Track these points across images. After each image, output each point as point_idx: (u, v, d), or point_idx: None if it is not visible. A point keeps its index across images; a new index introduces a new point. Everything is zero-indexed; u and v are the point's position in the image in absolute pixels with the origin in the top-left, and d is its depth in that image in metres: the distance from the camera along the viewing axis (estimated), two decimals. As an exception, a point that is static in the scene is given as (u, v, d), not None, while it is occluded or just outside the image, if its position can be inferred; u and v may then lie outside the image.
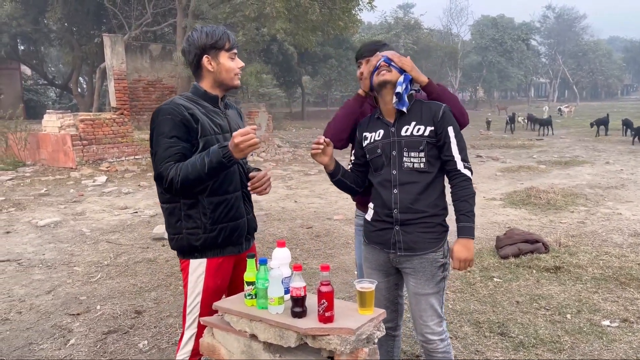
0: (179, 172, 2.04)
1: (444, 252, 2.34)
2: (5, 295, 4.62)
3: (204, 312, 2.23)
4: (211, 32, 2.21)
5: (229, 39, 2.23)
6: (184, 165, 2.06)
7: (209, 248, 2.24)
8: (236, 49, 2.28)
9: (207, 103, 2.27)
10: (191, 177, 2.04)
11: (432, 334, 2.35)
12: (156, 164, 2.12)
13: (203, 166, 2.02)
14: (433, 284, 2.32)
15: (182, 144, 2.11)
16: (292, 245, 5.95)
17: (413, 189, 2.28)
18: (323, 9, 15.35)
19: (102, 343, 3.62)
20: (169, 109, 2.14)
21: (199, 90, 2.27)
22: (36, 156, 13.06)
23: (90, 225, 7.19)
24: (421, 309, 2.35)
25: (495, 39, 53.07)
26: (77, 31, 21.56)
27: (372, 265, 2.46)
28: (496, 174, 11.09)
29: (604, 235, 6.05)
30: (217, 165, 2.03)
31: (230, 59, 2.25)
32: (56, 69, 37.46)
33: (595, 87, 76.82)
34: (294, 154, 15.98)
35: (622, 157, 13.67)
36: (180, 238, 2.25)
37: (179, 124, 2.11)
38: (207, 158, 2.02)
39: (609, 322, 3.71)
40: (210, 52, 2.21)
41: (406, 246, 2.30)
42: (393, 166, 2.31)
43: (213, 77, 2.25)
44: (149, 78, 17.86)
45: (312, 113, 38.97)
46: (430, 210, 2.29)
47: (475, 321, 3.76)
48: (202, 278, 2.25)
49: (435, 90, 2.40)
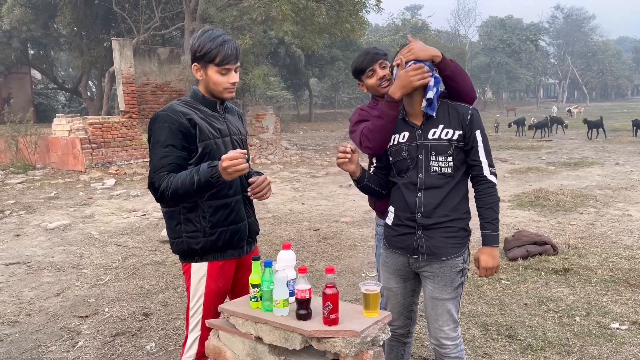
0: (169, 186, 2.05)
1: (464, 257, 2.30)
2: (14, 297, 4.66)
3: (206, 315, 2.24)
4: (204, 42, 2.13)
5: (220, 52, 2.12)
6: (175, 178, 2.06)
7: (209, 251, 2.24)
8: (232, 63, 2.16)
9: (206, 107, 2.24)
10: (180, 192, 2.05)
11: (447, 339, 2.32)
12: (150, 172, 2.13)
13: (192, 184, 2.02)
14: (451, 289, 2.29)
15: (177, 153, 2.11)
16: (299, 247, 5.95)
17: (438, 193, 2.22)
18: (330, 11, 15.38)
19: (110, 345, 3.64)
20: (166, 116, 2.12)
21: (198, 94, 2.25)
22: (46, 159, 13.17)
23: (99, 228, 7.24)
24: (437, 314, 2.32)
25: (503, 39, 52.90)
26: (87, 35, 21.74)
27: (390, 269, 2.42)
28: (505, 176, 11.04)
29: (613, 237, 5.99)
30: (205, 184, 2.02)
31: (219, 74, 2.16)
32: (66, 73, 37.79)
33: (605, 88, 76.27)
34: (301, 156, 15.99)
35: (632, 158, 13.55)
36: (181, 242, 2.25)
37: (176, 132, 2.10)
38: (196, 176, 2.02)
39: (619, 324, 3.68)
40: (199, 62, 2.16)
41: (429, 251, 2.25)
42: (419, 170, 2.24)
43: (204, 85, 2.23)
44: (157, 81, 17.95)
45: (319, 115, 38.98)
46: (453, 214, 2.25)
47: (483, 324, 3.74)
48: (203, 281, 2.25)
49: (449, 66, 2.22)
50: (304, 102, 43.38)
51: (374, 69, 2.49)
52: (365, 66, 2.51)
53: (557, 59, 68.83)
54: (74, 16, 19.21)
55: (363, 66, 2.51)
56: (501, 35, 53.24)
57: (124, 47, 14.31)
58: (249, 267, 2.23)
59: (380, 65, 2.50)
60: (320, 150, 18.06)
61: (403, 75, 2.15)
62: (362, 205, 7.81)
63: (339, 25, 16.23)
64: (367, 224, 6.93)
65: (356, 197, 8.89)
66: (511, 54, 53.25)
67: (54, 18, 20.21)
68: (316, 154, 16.87)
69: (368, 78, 2.53)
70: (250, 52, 15.50)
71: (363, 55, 2.55)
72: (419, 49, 2.16)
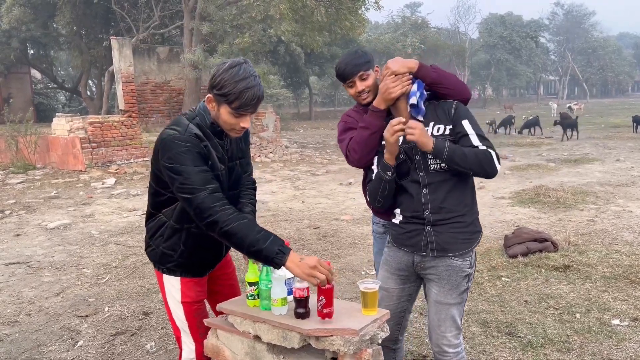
0: (229, 224, 1.89)
1: (470, 261, 2.28)
2: (14, 297, 4.66)
3: (192, 323, 2.21)
4: (225, 82, 1.93)
5: (239, 99, 1.93)
6: (239, 221, 1.90)
7: (183, 270, 2.19)
8: (249, 111, 1.99)
9: (212, 133, 2.08)
10: (233, 239, 1.90)
11: (449, 345, 2.29)
12: (195, 187, 1.91)
13: (251, 246, 1.88)
14: (456, 294, 2.27)
15: (209, 170, 1.99)
16: (299, 245, 5.95)
17: (443, 187, 2.21)
18: (329, 9, 15.34)
19: (110, 344, 3.64)
20: (189, 138, 1.97)
21: (207, 120, 2.07)
22: (46, 159, 13.17)
23: (99, 227, 7.24)
24: (440, 319, 2.28)
25: (503, 36, 52.81)
26: (86, 35, 21.74)
27: (392, 268, 2.38)
28: (505, 173, 11.02)
29: (614, 234, 5.99)
30: (262, 250, 1.87)
31: (232, 115, 2.00)
32: (65, 72, 37.79)
33: (605, 84, 76.21)
34: (301, 155, 15.98)
35: (632, 154, 13.52)
36: (155, 252, 2.21)
37: (200, 154, 1.98)
38: (262, 237, 1.88)
39: (619, 321, 3.67)
40: (216, 95, 1.99)
41: (439, 247, 2.22)
42: (419, 169, 2.24)
43: (214, 114, 2.07)
44: (156, 80, 17.96)
45: (319, 113, 38.97)
46: (462, 209, 2.23)
47: (483, 321, 3.74)
48: (178, 290, 2.20)
49: (429, 74, 2.24)
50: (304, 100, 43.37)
51: (354, 81, 2.42)
52: (346, 77, 2.44)
53: (558, 55, 68.71)
54: (73, 15, 19.20)
55: (344, 76, 2.45)
56: (501, 32, 53.13)
57: (124, 46, 14.30)
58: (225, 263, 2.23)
59: (360, 78, 2.41)
60: (320, 148, 18.05)
61: (383, 88, 2.23)
62: (362, 203, 7.79)
63: (339, 23, 16.20)
64: (367, 222, 6.93)
65: (356, 195, 8.89)
66: (511, 50, 53.15)
67: (54, 17, 20.21)
68: (316, 152, 16.86)
69: (349, 87, 2.48)
70: (249, 51, 15.48)
71: (344, 63, 2.44)
72: (395, 64, 2.21)
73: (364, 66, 2.39)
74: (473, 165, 2.13)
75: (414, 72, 2.23)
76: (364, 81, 2.41)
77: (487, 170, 2.15)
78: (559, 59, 67.80)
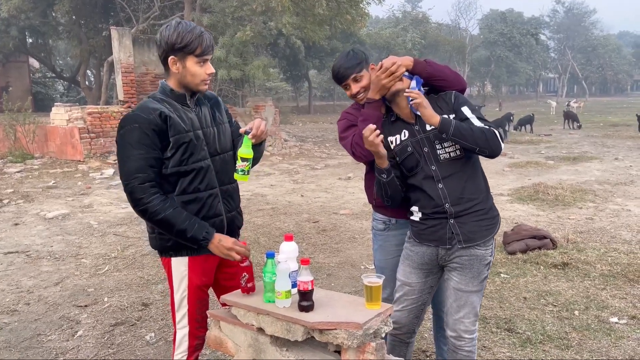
0: (159, 211, 2.03)
1: (492, 249, 2.33)
2: (13, 286, 4.65)
3: (192, 309, 2.21)
4: (183, 32, 2.05)
5: (201, 43, 2.07)
6: (170, 209, 2.04)
7: (183, 247, 2.17)
8: (210, 54, 2.13)
9: (176, 102, 2.16)
10: (164, 224, 2.06)
11: (466, 332, 2.32)
12: (125, 176, 2.05)
13: (181, 231, 2.05)
14: (477, 282, 2.31)
15: (151, 154, 2.05)
16: (299, 239, 5.95)
17: (457, 178, 2.24)
18: (330, 2, 15.28)
19: (110, 335, 3.64)
20: (135, 116, 2.07)
21: (166, 88, 2.17)
22: (44, 149, 13.12)
23: (97, 217, 7.23)
24: (460, 306, 2.31)
25: (503, 33, 52.73)
26: (85, 24, 21.60)
27: (415, 263, 2.39)
28: (504, 170, 11.04)
29: (612, 232, 6.01)
30: (189, 237, 2.07)
31: (198, 65, 2.10)
32: (64, 62, 37.61)
33: (604, 83, 76.20)
34: (300, 148, 15.97)
35: (631, 153, 13.55)
36: (154, 237, 2.21)
37: (149, 132, 2.05)
38: (188, 226, 2.05)
39: (617, 318, 3.69)
40: (177, 53, 2.08)
41: (465, 237, 2.25)
42: (430, 162, 2.26)
43: (177, 78, 2.14)
44: (156, 71, 17.79)
45: (319, 107, 38.92)
46: (478, 195, 2.28)
47: (482, 317, 3.75)
48: (185, 274, 2.19)
49: (424, 69, 2.32)
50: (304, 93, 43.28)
51: (348, 83, 2.46)
52: (340, 80, 2.48)
53: (557, 53, 68.62)
54: (73, 5, 19.07)
55: (338, 79, 2.48)
56: (502, 28, 53.04)
57: (123, 36, 14.22)
58: (230, 263, 2.22)
59: (353, 80, 2.43)
60: (319, 142, 18.03)
61: (375, 80, 2.30)
62: (361, 198, 7.80)
63: (340, 16, 16.14)
64: (366, 217, 6.93)
65: (355, 190, 8.89)
66: (511, 47, 53.09)
67: (53, 6, 20.08)
68: (315, 146, 16.84)
69: (344, 88, 2.52)
70: (250, 43, 15.41)
71: (337, 67, 2.46)
72: (389, 61, 2.26)
73: (356, 68, 2.42)
74: (479, 140, 2.15)
75: (410, 69, 2.30)
76: (358, 82, 2.45)
77: (492, 146, 2.16)
78: (558, 57, 67.72)
